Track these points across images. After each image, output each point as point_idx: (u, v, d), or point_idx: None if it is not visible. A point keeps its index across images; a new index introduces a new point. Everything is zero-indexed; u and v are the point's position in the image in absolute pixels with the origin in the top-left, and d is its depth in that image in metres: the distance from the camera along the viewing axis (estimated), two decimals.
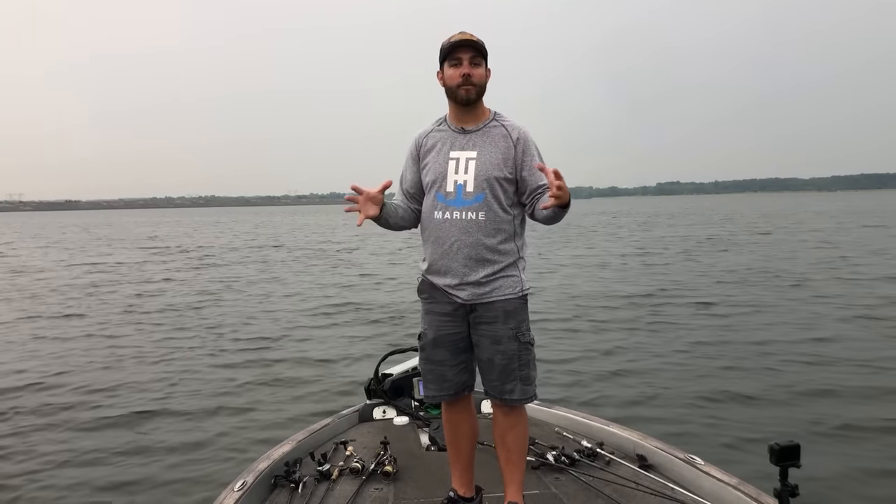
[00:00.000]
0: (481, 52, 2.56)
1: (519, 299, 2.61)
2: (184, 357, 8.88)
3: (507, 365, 2.59)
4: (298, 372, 7.96)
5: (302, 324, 11.15)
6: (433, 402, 3.03)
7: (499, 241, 2.58)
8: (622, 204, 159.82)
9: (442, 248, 2.62)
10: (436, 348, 2.70)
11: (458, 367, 2.70)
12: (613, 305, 11.96)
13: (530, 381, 2.64)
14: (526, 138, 2.62)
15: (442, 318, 2.68)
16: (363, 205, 2.56)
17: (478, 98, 2.61)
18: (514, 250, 2.62)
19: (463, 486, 2.82)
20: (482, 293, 2.58)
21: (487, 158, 2.58)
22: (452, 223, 2.59)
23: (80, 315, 12.57)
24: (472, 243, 2.56)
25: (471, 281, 2.58)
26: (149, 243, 36.27)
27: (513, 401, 2.63)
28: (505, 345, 2.58)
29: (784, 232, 31.63)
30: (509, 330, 2.58)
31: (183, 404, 6.75)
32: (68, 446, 5.68)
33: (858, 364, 7.35)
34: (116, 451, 5.55)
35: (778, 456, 2.08)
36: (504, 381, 2.61)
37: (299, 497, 2.95)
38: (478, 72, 2.57)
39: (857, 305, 11.04)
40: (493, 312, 2.58)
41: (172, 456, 5.41)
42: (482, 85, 2.60)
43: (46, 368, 8.34)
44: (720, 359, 7.86)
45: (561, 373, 7.42)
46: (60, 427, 6.17)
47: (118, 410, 6.60)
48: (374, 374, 4.21)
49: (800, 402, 6.25)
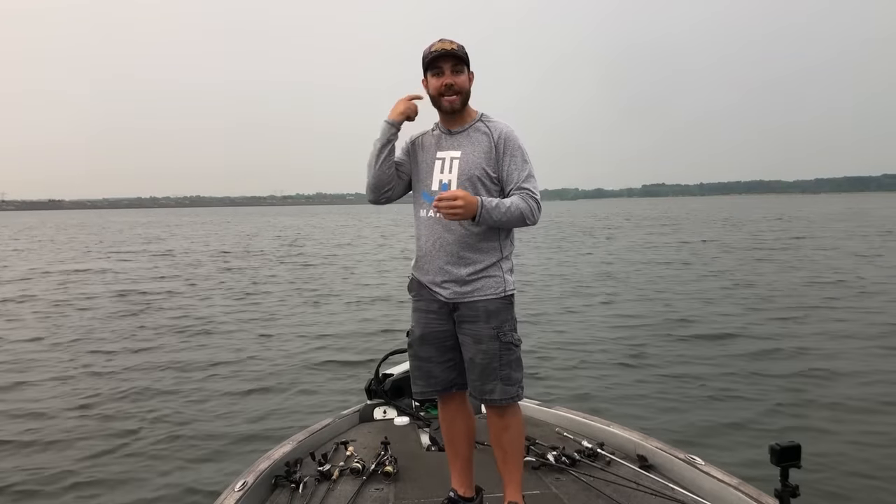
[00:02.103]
0: (462, 58, 2.60)
1: (501, 299, 2.61)
2: (184, 356, 8.89)
3: (488, 364, 2.60)
4: (300, 371, 8.01)
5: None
6: (421, 399, 3.06)
7: (480, 240, 2.60)
8: (623, 205, 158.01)
9: (426, 246, 2.67)
10: (423, 345, 2.74)
11: (445, 365, 2.73)
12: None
13: (512, 382, 2.62)
14: (507, 137, 2.62)
15: (428, 315, 2.72)
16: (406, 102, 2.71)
17: (463, 105, 2.66)
18: (497, 249, 2.63)
19: (462, 486, 2.83)
20: (464, 292, 2.61)
21: (470, 157, 2.61)
22: (436, 221, 2.63)
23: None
24: (454, 241, 2.60)
25: (453, 279, 2.61)
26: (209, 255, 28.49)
27: (492, 401, 2.64)
28: (486, 344, 2.59)
29: (813, 237, 29.43)
30: (491, 329, 2.59)
31: (183, 404, 6.74)
32: (68, 446, 5.66)
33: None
34: (116, 450, 5.53)
35: (779, 456, 2.09)
36: (484, 381, 2.62)
37: (300, 497, 2.94)
38: (460, 79, 2.60)
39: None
40: (475, 312, 2.60)
41: (172, 456, 5.41)
42: (466, 91, 2.64)
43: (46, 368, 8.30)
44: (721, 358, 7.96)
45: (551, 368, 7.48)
46: (60, 426, 6.15)
47: (117, 410, 6.58)
48: (375, 374, 4.22)
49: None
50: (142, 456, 5.43)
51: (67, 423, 6.27)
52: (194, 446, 5.62)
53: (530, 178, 2.59)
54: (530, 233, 35.22)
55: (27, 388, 7.52)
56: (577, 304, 12.56)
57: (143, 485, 4.90)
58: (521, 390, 2.68)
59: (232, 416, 6.37)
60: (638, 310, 11.62)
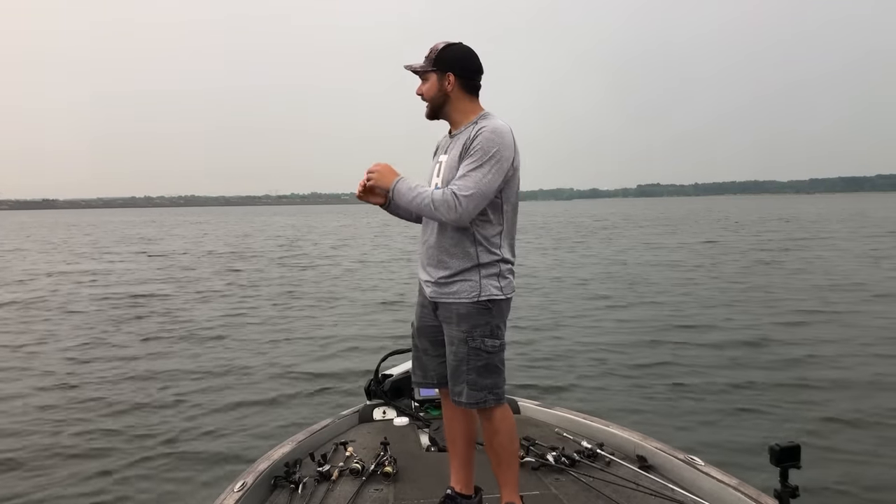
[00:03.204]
0: (418, 69, 2.65)
1: (474, 304, 2.57)
2: (184, 356, 8.89)
3: (458, 367, 2.62)
4: (301, 370, 8.02)
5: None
6: (419, 388, 3.09)
7: (454, 244, 2.59)
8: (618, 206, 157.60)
9: (420, 247, 2.76)
10: (419, 337, 2.84)
11: (439, 359, 2.77)
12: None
13: (479, 388, 2.60)
14: (478, 135, 2.50)
15: (423, 309, 2.80)
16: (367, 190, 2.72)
17: (435, 112, 2.68)
18: (473, 255, 2.58)
19: (460, 483, 2.84)
20: (441, 293, 2.63)
21: (450, 161, 2.60)
22: (426, 224, 2.72)
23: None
24: (434, 244, 2.64)
25: (432, 280, 2.65)
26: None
27: (460, 403, 2.65)
28: (457, 346, 2.61)
29: (837, 238, 28.77)
30: (461, 333, 2.59)
31: (182, 404, 6.73)
32: (67, 446, 5.65)
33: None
34: (115, 451, 5.53)
35: (778, 457, 2.09)
36: (455, 382, 2.65)
37: (299, 498, 2.94)
38: (423, 88, 2.65)
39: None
40: (449, 314, 2.62)
41: (172, 456, 5.40)
42: (432, 97, 2.64)
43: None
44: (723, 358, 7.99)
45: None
46: (58, 426, 6.15)
47: (116, 410, 6.57)
48: (375, 374, 4.23)
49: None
50: (141, 456, 5.41)
51: (68, 423, 6.26)
52: (194, 446, 5.61)
53: (465, 177, 2.46)
54: (533, 233, 35.25)
55: (26, 385, 7.51)
56: (579, 305, 12.56)
57: (142, 485, 4.88)
58: (493, 397, 2.62)
59: (232, 417, 6.36)
60: (640, 311, 11.64)
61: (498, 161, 2.49)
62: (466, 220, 2.51)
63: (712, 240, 29.68)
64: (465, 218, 2.48)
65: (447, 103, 2.64)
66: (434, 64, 2.61)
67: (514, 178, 2.59)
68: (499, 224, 2.61)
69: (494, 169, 2.48)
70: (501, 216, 2.62)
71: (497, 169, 2.49)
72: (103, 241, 39.37)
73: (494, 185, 2.49)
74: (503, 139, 2.50)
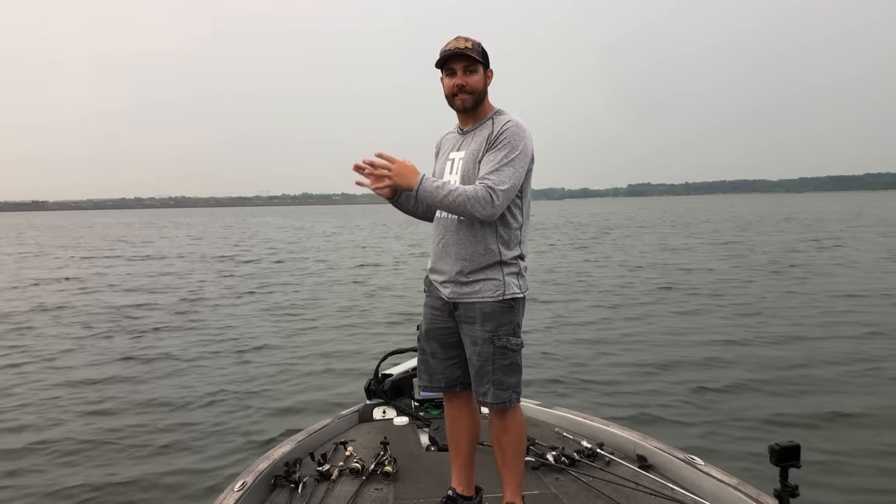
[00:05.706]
0: (476, 58, 2.54)
1: (499, 303, 2.57)
2: (183, 356, 8.86)
3: (482, 367, 2.60)
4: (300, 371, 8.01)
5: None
6: (425, 392, 3.08)
7: (477, 242, 2.56)
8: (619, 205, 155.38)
9: (435, 246, 2.69)
10: (427, 340, 2.78)
11: (448, 362, 2.74)
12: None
13: (504, 387, 2.60)
14: (504, 130, 2.51)
15: (433, 311, 2.74)
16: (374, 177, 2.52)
17: (476, 105, 2.61)
18: (496, 252, 2.56)
19: (461, 485, 2.83)
20: (462, 293, 2.60)
21: (469, 157, 2.58)
22: (441, 221, 2.66)
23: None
24: (454, 242, 2.59)
25: (452, 279, 2.61)
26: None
27: (486, 403, 2.65)
28: (481, 346, 2.58)
29: (852, 238, 27.34)
30: (486, 332, 2.57)
31: (181, 404, 6.72)
32: (67, 446, 5.63)
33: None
34: (115, 451, 5.51)
35: (778, 456, 2.10)
36: (479, 383, 2.63)
37: (299, 497, 2.94)
38: (472, 80, 2.55)
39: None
40: (472, 313, 2.59)
41: (172, 456, 5.39)
42: (479, 91, 2.58)
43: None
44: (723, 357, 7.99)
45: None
46: (58, 425, 6.14)
47: (115, 410, 6.56)
48: (374, 374, 4.22)
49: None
50: (141, 456, 5.39)
51: (67, 422, 6.25)
52: (194, 447, 5.59)
53: (499, 171, 2.44)
54: (541, 234, 35.04)
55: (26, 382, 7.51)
56: (583, 306, 12.51)
57: (142, 485, 4.87)
58: (516, 395, 2.64)
59: (231, 417, 6.34)
60: (641, 313, 11.60)
61: (525, 155, 2.52)
62: (497, 215, 2.49)
63: (731, 241, 28.23)
64: (498, 213, 2.48)
65: (484, 97, 2.63)
66: (482, 57, 2.58)
67: (531, 173, 2.61)
68: (519, 219, 2.62)
69: (522, 163, 2.51)
70: (521, 211, 2.63)
71: (523, 163, 2.52)
72: (95, 244, 39.15)
73: (522, 178, 2.53)
74: (526, 133, 2.54)
